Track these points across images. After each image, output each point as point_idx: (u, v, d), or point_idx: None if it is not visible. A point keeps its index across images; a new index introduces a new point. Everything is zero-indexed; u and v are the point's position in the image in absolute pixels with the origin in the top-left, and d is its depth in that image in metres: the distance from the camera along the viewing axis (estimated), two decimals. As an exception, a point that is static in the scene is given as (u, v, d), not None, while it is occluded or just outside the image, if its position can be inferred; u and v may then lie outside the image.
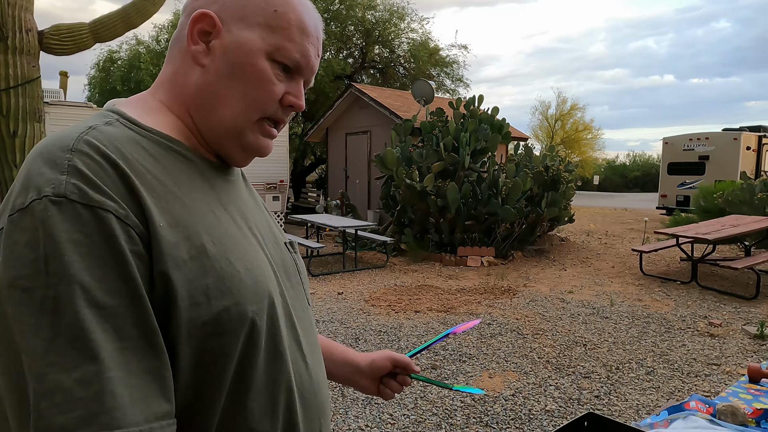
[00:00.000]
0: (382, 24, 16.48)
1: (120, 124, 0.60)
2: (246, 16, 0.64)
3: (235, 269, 0.59)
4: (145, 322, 0.51)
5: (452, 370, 3.59)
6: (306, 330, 0.72)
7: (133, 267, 0.51)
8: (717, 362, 3.79)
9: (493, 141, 8.36)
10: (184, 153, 0.64)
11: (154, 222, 0.54)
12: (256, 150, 0.69)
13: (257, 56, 0.64)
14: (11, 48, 6.25)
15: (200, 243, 0.57)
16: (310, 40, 0.67)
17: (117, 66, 17.05)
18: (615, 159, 37.58)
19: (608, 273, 7.04)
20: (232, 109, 0.64)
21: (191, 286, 0.55)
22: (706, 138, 13.39)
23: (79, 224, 0.49)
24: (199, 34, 0.64)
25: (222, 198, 0.66)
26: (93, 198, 0.50)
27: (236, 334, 0.57)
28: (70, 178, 0.51)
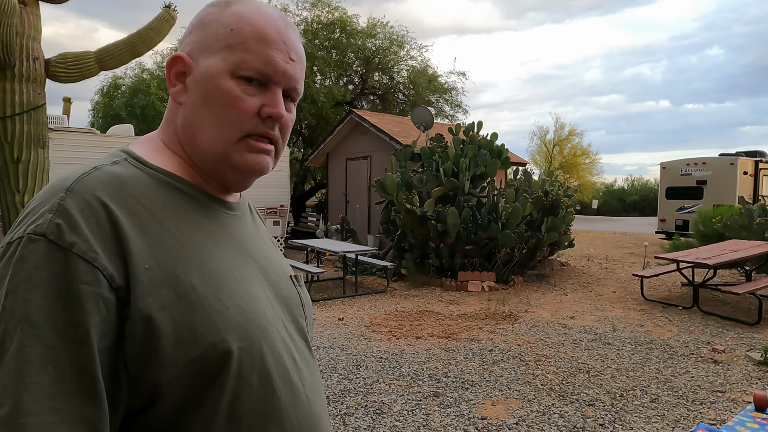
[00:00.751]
0: (382, 52, 16.78)
1: (127, 163, 0.64)
2: (209, 45, 0.67)
3: (224, 306, 0.60)
4: (88, 369, 0.51)
5: (455, 398, 3.55)
6: (306, 362, 0.72)
7: (86, 312, 0.51)
8: (722, 389, 3.75)
9: (492, 166, 8.43)
10: (186, 190, 0.66)
11: (136, 264, 0.55)
12: (247, 168, 0.68)
13: (221, 78, 0.65)
14: (18, 76, 6.36)
15: (189, 281, 0.58)
16: (273, 46, 0.66)
17: (121, 92, 17.28)
18: (613, 183, 37.77)
19: (609, 298, 7.01)
20: (209, 135, 0.66)
21: (177, 324, 0.56)
22: (703, 163, 13.50)
23: (48, 264, 0.52)
24: (176, 77, 0.68)
25: (222, 234, 0.67)
26: (66, 240, 0.52)
27: (224, 371, 0.58)
28: (56, 217, 0.54)
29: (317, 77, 15.82)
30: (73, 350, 0.51)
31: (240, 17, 0.66)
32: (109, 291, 0.53)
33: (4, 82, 6.31)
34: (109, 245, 0.55)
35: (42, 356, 0.49)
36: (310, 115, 14.99)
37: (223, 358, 0.58)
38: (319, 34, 15.76)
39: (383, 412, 3.33)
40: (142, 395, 0.56)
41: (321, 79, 16.06)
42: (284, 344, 0.68)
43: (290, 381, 0.66)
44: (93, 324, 0.52)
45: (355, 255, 7.34)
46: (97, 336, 0.52)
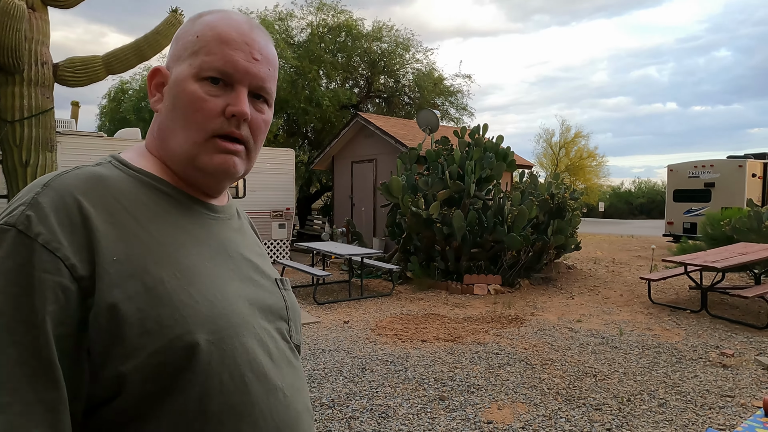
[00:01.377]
0: (387, 55, 16.81)
1: (111, 165, 0.68)
2: (179, 54, 0.71)
3: (194, 300, 0.61)
4: (45, 354, 0.53)
5: (461, 402, 3.53)
6: (287, 361, 0.72)
7: (44, 298, 0.54)
8: (731, 394, 3.71)
9: (498, 169, 8.41)
10: (166, 191, 0.69)
11: (104, 256, 0.57)
12: (215, 170, 0.69)
13: (186, 82, 0.68)
14: (26, 80, 6.42)
15: (159, 275, 0.60)
16: (233, 46, 0.68)
17: (128, 96, 17.41)
18: (620, 186, 37.59)
19: (616, 301, 6.96)
20: (178, 138, 0.69)
21: (143, 315, 0.57)
22: (711, 165, 13.40)
23: (13, 251, 0.55)
24: (155, 87, 0.73)
25: (201, 234, 0.69)
26: (33, 230, 0.55)
27: (191, 364, 0.59)
28: (27, 209, 0.57)
29: (323, 81, 15.86)
30: (31, 335, 0.53)
31: (205, 25, 0.70)
32: (71, 281, 0.55)
33: (13, 87, 6.37)
34: (77, 238, 0.57)
35: (4, 340, 0.52)
36: (316, 118, 15.04)
37: (189, 350, 0.59)
38: (325, 37, 15.81)
39: (389, 415, 3.31)
40: (107, 385, 0.57)
41: (327, 82, 16.10)
42: (260, 342, 0.68)
43: (265, 378, 0.66)
44: (50, 311, 0.54)
45: (360, 258, 7.33)
46: (53, 322, 0.54)
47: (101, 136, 9.18)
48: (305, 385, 0.77)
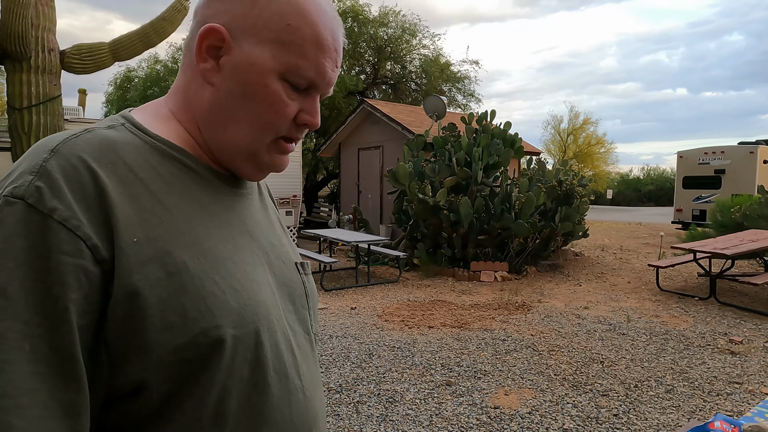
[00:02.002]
0: (394, 41, 16.67)
1: (124, 128, 0.58)
2: (257, 30, 0.59)
3: (219, 288, 0.55)
4: (67, 349, 0.47)
5: (467, 387, 3.55)
6: (306, 356, 0.67)
7: (66, 286, 0.47)
8: (739, 381, 3.71)
9: (505, 156, 8.36)
10: (188, 163, 0.61)
11: (122, 236, 0.50)
12: (271, 168, 0.66)
13: (269, 76, 0.59)
14: (34, 67, 6.43)
15: (181, 259, 0.53)
16: (326, 55, 0.61)
17: (134, 84, 17.42)
18: (629, 173, 37.29)
19: (624, 288, 6.94)
20: (244, 132, 0.61)
21: (165, 306, 0.51)
22: (722, 152, 13.25)
23: (25, 230, 0.46)
24: (207, 51, 0.60)
25: (222, 212, 0.62)
26: (47, 204, 0.47)
27: (215, 361, 0.53)
28: (36, 179, 0.48)
29: (329, 67, 15.77)
30: (51, 327, 0.46)
31: (299, 11, 0.59)
32: (93, 264, 0.48)
33: (21, 74, 6.39)
34: (95, 214, 0.49)
35: (17, 332, 0.45)
36: (323, 105, 14.98)
37: (215, 346, 0.53)
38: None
39: (396, 400, 3.34)
40: (124, 382, 0.51)
41: (333, 68, 16.02)
42: (284, 336, 0.62)
43: (287, 377, 0.61)
44: (73, 299, 0.47)
45: (367, 245, 7.34)
46: (77, 313, 0.47)
47: (109, 124, 9.21)
48: (320, 379, 0.72)
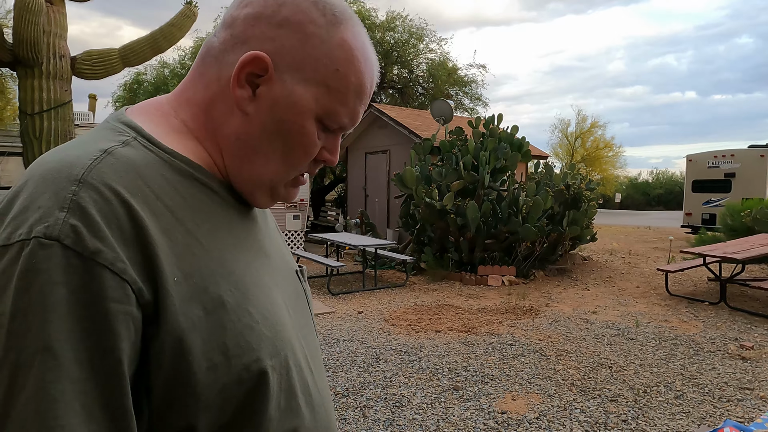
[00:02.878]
0: (401, 45, 16.71)
1: (139, 144, 0.53)
2: (304, 68, 0.57)
3: (254, 320, 0.53)
4: (121, 405, 0.44)
5: (474, 392, 3.54)
6: (318, 366, 0.67)
7: (117, 337, 0.43)
8: (750, 387, 3.66)
9: (512, 159, 8.34)
10: (207, 183, 0.57)
11: (165, 276, 0.47)
12: (284, 199, 0.66)
13: (307, 118, 0.58)
14: (45, 73, 6.51)
15: (218, 294, 0.51)
16: (363, 101, 0.61)
17: (143, 88, 17.58)
18: (637, 177, 37.06)
19: (633, 293, 6.89)
20: (270, 168, 0.60)
21: (207, 347, 0.48)
22: (732, 155, 13.13)
23: (66, 277, 0.42)
24: (247, 78, 0.56)
25: (242, 234, 0.60)
26: (88, 246, 0.43)
27: (259, 394, 0.52)
28: (70, 217, 0.43)
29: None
30: (104, 384, 0.43)
31: (348, 57, 0.58)
32: (137, 309, 0.45)
33: (32, 80, 6.47)
34: (135, 254, 0.45)
35: (68, 393, 0.41)
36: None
37: (259, 379, 0.51)
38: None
39: (402, 405, 3.34)
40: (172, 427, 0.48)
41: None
42: (303, 354, 0.62)
43: (310, 395, 0.61)
44: (124, 350, 0.44)
45: (374, 249, 7.35)
46: (127, 364, 0.44)
47: (118, 129, 9.29)
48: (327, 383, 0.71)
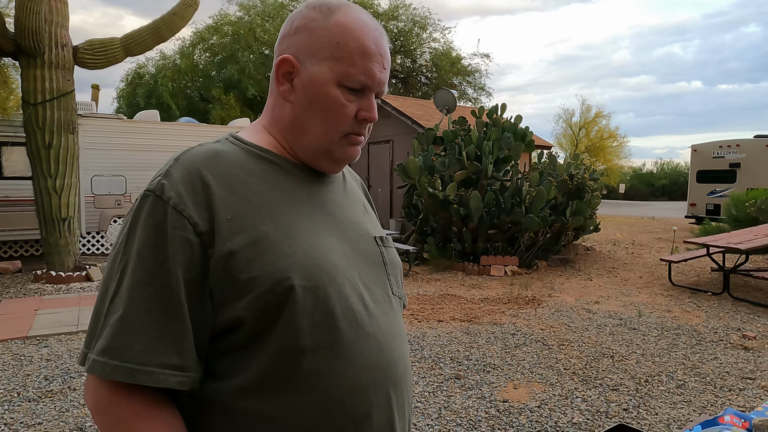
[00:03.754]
0: (404, 34, 16.59)
1: (227, 141, 0.80)
2: (316, 52, 0.76)
3: (291, 251, 0.72)
4: (175, 293, 0.67)
5: (476, 381, 3.55)
6: (383, 311, 0.80)
7: (176, 249, 0.68)
8: (752, 376, 3.67)
9: (516, 149, 8.30)
10: (275, 160, 0.80)
11: (220, 215, 0.70)
12: (345, 160, 0.82)
13: (328, 86, 0.76)
14: (47, 63, 6.50)
15: (263, 230, 0.72)
16: (372, 60, 0.76)
17: (144, 81, 17.54)
18: (641, 167, 36.85)
19: (636, 283, 6.89)
20: (316, 134, 0.78)
21: (251, 263, 0.69)
22: (737, 145, 13.04)
23: (153, 212, 0.69)
24: (283, 76, 0.79)
25: (301, 194, 0.79)
26: (166, 194, 0.69)
27: (288, 304, 0.70)
28: (162, 179, 0.71)
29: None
30: (166, 277, 0.67)
31: (344, 30, 0.76)
32: (194, 235, 0.68)
33: (35, 69, 6.46)
34: (199, 200, 0.70)
35: (146, 279, 0.67)
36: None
37: (288, 292, 0.69)
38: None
39: (405, 393, 3.35)
40: (226, 319, 0.69)
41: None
42: (355, 291, 0.76)
43: (357, 324, 0.75)
44: (180, 259, 0.67)
45: (377, 239, 7.33)
46: (182, 268, 0.67)
47: (121, 119, 9.29)
48: (403, 334, 0.86)
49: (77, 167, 7.03)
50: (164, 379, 0.66)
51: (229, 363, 0.71)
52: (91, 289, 6.38)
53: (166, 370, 0.66)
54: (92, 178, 8.50)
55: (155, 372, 0.65)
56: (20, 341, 4.33)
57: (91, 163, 8.33)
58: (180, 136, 9.15)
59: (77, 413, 3.03)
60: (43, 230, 6.79)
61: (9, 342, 4.30)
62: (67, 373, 3.62)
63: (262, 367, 0.70)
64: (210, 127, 10.64)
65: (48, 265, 6.82)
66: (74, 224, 6.95)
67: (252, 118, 16.17)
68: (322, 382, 0.71)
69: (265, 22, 17.28)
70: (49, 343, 4.28)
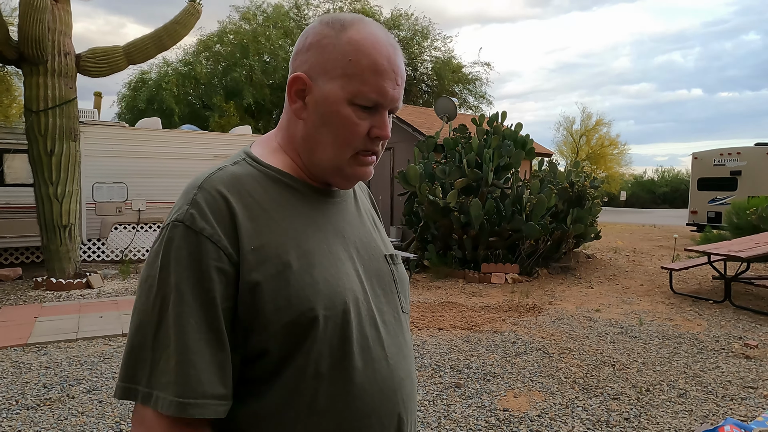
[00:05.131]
0: (406, 43, 16.68)
1: (245, 163, 0.79)
2: (328, 70, 0.76)
3: (314, 280, 0.73)
4: (216, 322, 0.69)
5: (476, 389, 3.54)
6: (393, 332, 0.82)
7: (213, 280, 0.68)
8: (753, 385, 3.65)
9: (516, 157, 8.31)
10: (290, 183, 0.80)
11: (244, 245, 0.71)
12: (356, 178, 0.82)
13: (340, 104, 0.75)
14: (50, 71, 6.54)
15: (287, 260, 0.72)
16: (385, 77, 0.76)
17: (147, 86, 17.62)
18: (642, 174, 36.85)
19: (637, 291, 6.87)
20: (327, 152, 0.78)
21: (276, 295, 0.70)
22: (738, 153, 13.04)
23: (185, 243, 0.69)
24: (296, 94, 0.78)
25: (319, 219, 0.80)
26: (198, 224, 0.69)
27: (312, 333, 0.72)
28: (190, 208, 0.71)
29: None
30: (206, 309, 0.68)
31: (357, 47, 0.75)
32: (229, 265, 0.69)
33: (37, 77, 6.50)
34: (228, 230, 0.70)
35: (187, 313, 0.67)
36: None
37: (311, 322, 0.71)
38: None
39: (404, 401, 3.33)
40: (254, 347, 0.71)
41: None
42: (369, 314, 0.79)
43: (369, 348, 0.77)
44: (218, 290, 0.68)
45: (377, 246, 7.33)
46: (221, 299, 0.69)
47: (122, 126, 9.32)
48: (411, 351, 0.87)
49: (79, 174, 7.05)
50: (215, 410, 0.68)
51: (250, 389, 0.72)
52: (91, 296, 6.37)
53: (217, 401, 0.68)
54: (93, 185, 8.52)
55: (210, 404, 0.67)
56: (19, 348, 4.32)
57: (92, 170, 8.35)
58: (182, 144, 9.17)
59: (75, 421, 3.02)
60: (43, 237, 6.80)
61: (8, 349, 4.29)
62: (66, 381, 3.62)
63: (282, 393, 0.71)
64: (211, 135, 10.65)
65: (48, 272, 6.82)
66: (75, 231, 6.96)
67: (253, 125, 16.23)
68: (337, 406, 0.73)
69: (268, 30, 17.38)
70: (48, 351, 4.27)
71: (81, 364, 3.97)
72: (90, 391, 3.45)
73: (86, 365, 3.93)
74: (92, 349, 4.34)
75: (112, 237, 8.80)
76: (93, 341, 4.56)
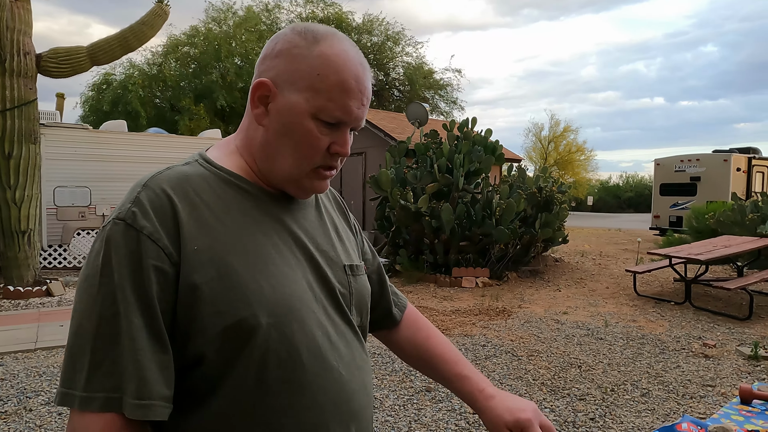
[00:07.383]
0: (377, 48, 16.75)
1: (197, 164, 0.77)
2: (295, 80, 0.74)
3: (259, 286, 0.70)
4: (157, 323, 0.66)
5: (447, 393, 3.56)
6: (346, 342, 0.80)
7: (151, 281, 0.66)
8: (712, 384, 3.78)
9: (486, 162, 8.43)
10: (243, 186, 0.77)
11: (186, 245, 0.68)
12: (312, 191, 0.81)
13: (303, 117, 0.74)
14: (8, 71, 6.30)
15: (231, 263, 0.70)
16: (352, 96, 0.74)
17: (111, 88, 17.18)
18: (608, 180, 37.88)
19: (602, 294, 7.04)
20: (287, 163, 0.77)
21: (216, 298, 0.67)
22: (697, 159, 13.56)
23: (125, 241, 0.66)
24: (259, 99, 0.76)
25: (269, 223, 0.77)
26: (139, 222, 0.67)
27: (252, 341, 0.69)
28: (133, 206, 0.68)
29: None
30: (146, 308, 0.66)
31: (327, 63, 0.73)
32: (169, 266, 0.67)
33: (-5, 77, 6.24)
34: (169, 229, 0.68)
35: (130, 312, 0.65)
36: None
37: (252, 329, 0.68)
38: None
39: (375, 407, 3.33)
40: (190, 353, 0.68)
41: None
42: (320, 325, 0.76)
43: (322, 357, 0.74)
44: (156, 290, 0.66)
45: (349, 251, 7.31)
46: (159, 300, 0.66)
47: (86, 128, 9.05)
48: (366, 364, 0.84)
49: (39, 178, 6.80)
50: (162, 411, 0.65)
51: (190, 398, 0.69)
52: (51, 304, 6.15)
53: (162, 402, 0.65)
54: (55, 189, 8.24)
55: (157, 405, 0.65)
56: (-27, 360, 4.13)
57: (54, 173, 8.08)
58: (148, 147, 8.96)
59: (33, 435, 2.90)
60: (1, 243, 6.53)
61: (-39, 361, 4.10)
62: (23, 393, 3.47)
63: (223, 404, 0.69)
64: (179, 138, 10.46)
65: (6, 279, 6.55)
66: (35, 237, 6.71)
67: (223, 128, 16.00)
68: (283, 419, 0.70)
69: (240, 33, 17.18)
70: (4, 362, 4.10)
71: (40, 375, 3.82)
72: (49, 403, 3.32)
73: (45, 376, 3.79)
74: (52, 360, 4.18)
75: (74, 243, 8.52)
76: (53, 351, 4.40)
